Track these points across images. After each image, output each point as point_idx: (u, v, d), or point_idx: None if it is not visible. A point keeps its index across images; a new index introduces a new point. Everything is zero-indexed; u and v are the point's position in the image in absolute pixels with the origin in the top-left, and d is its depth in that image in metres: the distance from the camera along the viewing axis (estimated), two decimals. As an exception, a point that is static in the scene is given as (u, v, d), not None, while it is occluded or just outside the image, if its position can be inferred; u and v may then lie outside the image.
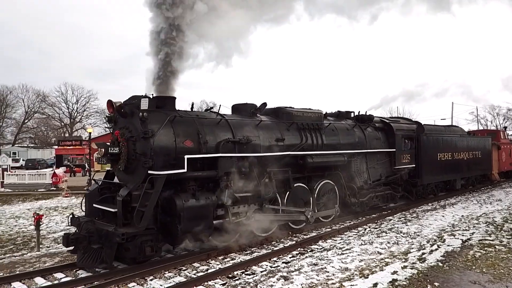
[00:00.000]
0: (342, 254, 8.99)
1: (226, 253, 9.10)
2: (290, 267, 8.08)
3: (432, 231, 11.44)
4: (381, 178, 14.40)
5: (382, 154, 14.62)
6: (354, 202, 12.96)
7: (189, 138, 8.81)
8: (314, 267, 8.08)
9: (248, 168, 9.59)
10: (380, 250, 9.35)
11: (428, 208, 15.46)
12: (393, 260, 8.46)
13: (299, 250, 9.48)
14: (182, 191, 8.51)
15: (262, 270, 8.00)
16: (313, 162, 11.38)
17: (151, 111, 8.56)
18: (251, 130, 10.26)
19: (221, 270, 7.81)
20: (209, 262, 8.58)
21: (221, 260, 8.73)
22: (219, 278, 7.46)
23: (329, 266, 8.12)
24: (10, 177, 27.11)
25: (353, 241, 10.32)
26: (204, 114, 9.71)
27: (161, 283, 7.23)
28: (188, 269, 8.10)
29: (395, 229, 11.75)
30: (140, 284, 7.24)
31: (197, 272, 7.91)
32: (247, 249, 9.51)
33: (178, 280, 7.35)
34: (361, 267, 8.05)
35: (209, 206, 8.64)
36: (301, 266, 8.11)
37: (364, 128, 14.04)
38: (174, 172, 8.16)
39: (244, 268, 8.08)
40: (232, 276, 7.60)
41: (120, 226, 7.71)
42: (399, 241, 10.24)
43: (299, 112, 11.77)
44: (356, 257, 8.75)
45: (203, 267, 8.25)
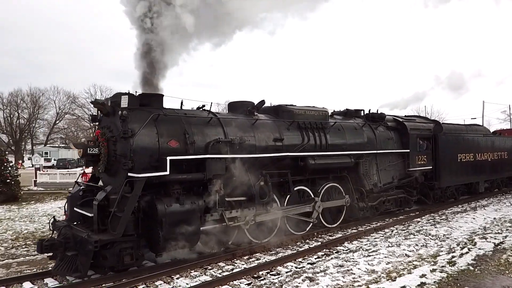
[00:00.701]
0: (368, 256, 8.84)
1: (251, 253, 9.15)
2: (316, 268, 8.02)
3: (462, 233, 11.07)
4: (393, 181, 13.45)
5: (395, 155, 13.67)
6: (363, 206, 12.09)
7: (174, 138, 8.23)
8: (340, 268, 7.99)
9: (241, 170, 8.95)
10: (408, 253, 9.14)
11: (458, 210, 15.00)
12: (421, 263, 8.28)
13: (325, 251, 9.41)
14: (166, 195, 7.97)
15: (287, 270, 7.99)
16: (315, 164, 10.62)
17: (134, 109, 8.05)
18: (246, 129, 9.61)
19: (246, 270, 7.84)
20: (234, 262, 8.61)
21: (246, 260, 8.77)
22: (244, 278, 7.49)
23: (355, 268, 8.01)
24: (43, 176, 27.66)
25: (380, 243, 10.12)
26: (194, 112, 9.12)
27: (187, 282, 7.32)
28: (214, 268, 8.17)
29: (424, 231, 11.44)
30: (167, 282, 7.34)
31: (223, 271, 7.96)
32: (272, 249, 9.55)
33: (204, 279, 7.44)
34: (388, 269, 7.90)
35: (195, 211, 8.05)
36: (326, 267, 8.04)
37: (375, 128, 13.14)
38: (155, 174, 7.60)
39: (269, 268, 8.09)
40: (257, 276, 7.64)
41: (96, 233, 7.22)
42: (428, 244, 9.97)
43: (300, 110, 11.03)
44: (383, 259, 8.59)
45: (228, 266, 8.28)
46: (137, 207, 7.64)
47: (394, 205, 13.57)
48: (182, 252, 8.20)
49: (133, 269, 7.70)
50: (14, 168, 20.81)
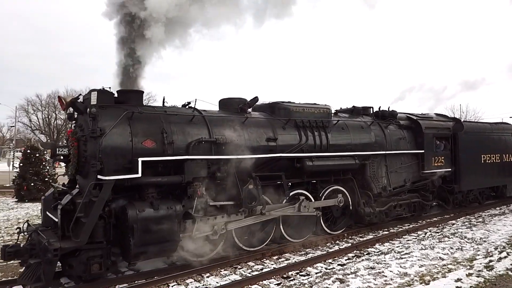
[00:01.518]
0: (400, 259, 8.69)
1: (280, 253, 9.17)
2: (346, 270, 7.94)
3: (500, 237, 10.71)
4: (406, 184, 12.38)
5: (408, 156, 12.59)
6: (369, 212, 11.12)
7: (150, 138, 7.61)
8: (371, 270, 7.87)
9: (226, 172, 8.25)
10: (442, 256, 8.93)
11: (496, 213, 14.58)
12: (456, 267, 8.07)
13: (355, 253, 9.33)
14: (140, 199, 7.38)
15: (317, 271, 7.94)
16: (312, 166, 9.77)
17: (107, 106, 7.50)
18: (235, 128, 8.88)
19: (275, 270, 7.84)
20: (264, 261, 8.65)
21: (276, 260, 8.79)
22: (274, 278, 7.51)
23: (387, 270, 7.88)
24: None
25: (413, 245, 9.96)
26: (176, 110, 8.48)
27: (217, 280, 7.38)
28: (243, 267, 8.20)
29: (459, 234, 11.16)
30: (197, 280, 7.43)
31: (252, 271, 7.99)
32: (302, 249, 9.54)
33: (234, 278, 7.47)
34: (421, 272, 7.74)
35: (172, 217, 7.41)
36: (357, 269, 7.95)
37: (385, 126, 12.13)
38: (124, 177, 7.01)
39: (299, 268, 8.06)
40: (286, 277, 7.63)
41: (59, 239, 6.69)
42: (463, 247, 9.70)
43: (298, 107, 10.21)
44: (416, 262, 8.42)
45: (258, 266, 8.31)
46: (108, 211, 7.10)
47: (407, 210, 12.49)
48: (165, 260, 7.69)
49: (164, 267, 7.94)
50: (52, 167, 21.28)
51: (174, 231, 7.43)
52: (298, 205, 9.63)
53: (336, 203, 10.52)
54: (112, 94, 7.77)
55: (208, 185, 8.01)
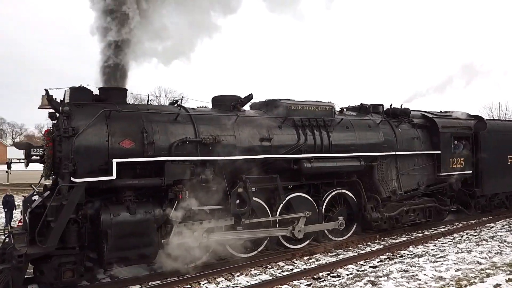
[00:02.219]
0: (435, 262, 8.40)
1: (311, 254, 9.10)
2: (378, 272, 7.76)
3: None
4: (419, 187, 11.46)
5: (422, 157, 11.66)
6: (376, 217, 10.31)
7: (129, 138, 7.20)
8: (404, 273, 7.68)
9: (211, 175, 7.74)
10: (480, 260, 8.57)
11: None
12: (495, 272, 7.74)
13: (388, 255, 9.13)
14: (117, 203, 6.98)
15: (348, 273, 7.84)
16: (311, 168, 9.10)
17: (84, 104, 7.14)
18: (224, 127, 8.36)
19: (306, 271, 7.79)
20: (294, 262, 8.60)
21: (306, 260, 8.72)
22: (304, 279, 7.46)
23: (420, 273, 7.65)
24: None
25: (448, 248, 9.64)
26: (160, 108, 8.03)
27: (247, 280, 7.41)
28: (274, 267, 8.21)
29: (498, 237, 10.65)
30: (228, 279, 7.48)
31: (282, 271, 7.98)
32: (332, 250, 9.44)
33: (264, 278, 7.51)
34: (457, 277, 7.48)
35: (150, 222, 6.97)
36: (389, 272, 7.77)
37: (396, 125, 11.26)
38: (96, 179, 6.62)
39: (330, 270, 7.98)
40: (317, 277, 7.57)
41: (28, 244, 6.37)
42: (503, 251, 9.28)
43: (297, 105, 9.56)
44: (452, 265, 8.15)
45: (288, 266, 8.30)
46: (83, 215, 6.74)
47: (421, 215, 11.56)
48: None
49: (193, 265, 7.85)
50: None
51: (152, 236, 6.99)
52: (291, 229, 8.94)
53: (336, 226, 9.74)
54: (90, 91, 7.42)
55: (192, 189, 7.51)
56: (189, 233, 7.55)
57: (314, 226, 9.43)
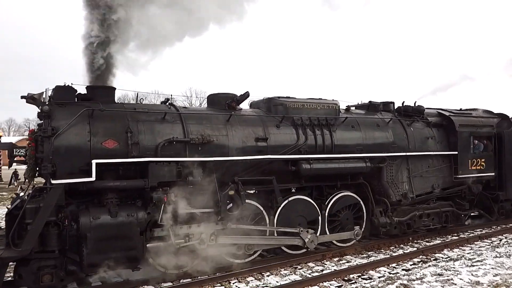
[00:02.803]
0: (472, 266, 8.18)
1: (341, 255, 9.04)
2: (411, 275, 7.62)
3: None
4: (434, 191, 10.69)
5: (437, 158, 10.88)
6: (384, 222, 9.67)
7: (113, 138, 6.95)
8: (439, 277, 7.49)
9: (201, 176, 7.39)
10: None
11: None
12: None
13: (421, 258, 8.95)
14: (99, 205, 6.75)
15: (380, 275, 7.73)
16: (310, 169, 8.59)
17: (67, 104, 6.95)
18: (217, 127, 7.99)
19: (336, 272, 7.75)
20: (324, 263, 8.57)
21: (336, 262, 8.66)
22: (335, 280, 7.41)
23: (456, 278, 7.45)
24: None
25: (486, 252, 9.37)
26: (147, 107, 7.75)
27: (277, 280, 7.43)
28: (303, 268, 8.18)
29: None
30: (258, 279, 7.52)
31: (312, 272, 7.95)
32: (363, 252, 9.33)
33: (294, 278, 7.49)
34: (495, 282, 7.24)
35: (132, 225, 6.69)
36: (423, 275, 7.59)
37: (408, 124, 10.55)
38: (74, 180, 6.41)
39: (361, 272, 7.89)
40: (347, 279, 7.50)
41: (5, 247, 6.21)
42: None
43: (297, 103, 9.06)
44: (490, 270, 7.87)
45: (318, 267, 8.26)
46: (64, 218, 6.54)
47: (436, 221, 10.79)
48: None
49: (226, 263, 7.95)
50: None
51: (135, 240, 6.71)
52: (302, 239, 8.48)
53: (352, 236, 9.22)
54: (74, 90, 7.23)
55: (179, 191, 7.18)
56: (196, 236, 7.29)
57: (328, 236, 9.03)
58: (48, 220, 6.37)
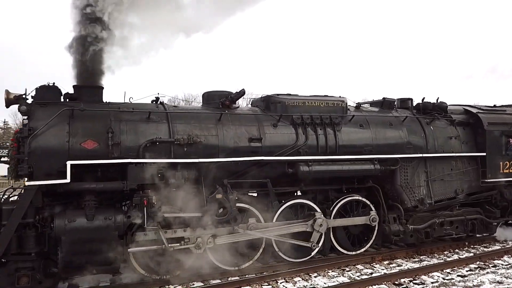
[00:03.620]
0: None
1: (391, 258, 8.82)
2: (467, 282, 7.40)
3: None
4: (457, 196, 9.64)
5: (462, 160, 9.81)
6: (396, 230, 8.82)
7: (92, 138, 6.73)
8: (498, 285, 7.24)
9: (185, 179, 7.02)
10: None
11: None
12: None
13: (478, 264, 8.61)
14: (77, 207, 6.57)
15: (433, 281, 7.49)
16: (309, 172, 7.96)
17: (48, 103, 6.83)
18: (207, 126, 7.59)
19: (386, 276, 7.59)
20: (373, 266, 8.40)
21: (386, 265, 8.47)
22: (384, 284, 7.28)
23: None
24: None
25: None
26: (133, 106, 7.47)
27: (324, 281, 7.39)
28: (352, 270, 8.07)
29: None
30: (305, 279, 7.49)
31: (361, 274, 7.82)
32: (415, 256, 9.09)
33: (342, 281, 7.39)
34: None
35: (110, 228, 6.45)
36: (481, 282, 7.36)
37: (428, 122, 9.58)
38: (46, 182, 6.24)
39: (412, 276, 7.67)
40: (398, 284, 7.33)
41: None
42: None
43: (297, 101, 8.46)
44: None
45: (367, 270, 8.10)
46: (42, 220, 6.44)
47: (461, 229, 9.72)
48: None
49: (273, 263, 8.12)
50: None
51: (112, 245, 6.46)
52: (311, 223, 7.97)
53: (368, 222, 8.59)
54: (58, 90, 7.09)
55: (161, 194, 6.85)
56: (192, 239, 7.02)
57: (340, 221, 8.48)
58: (27, 222, 6.31)
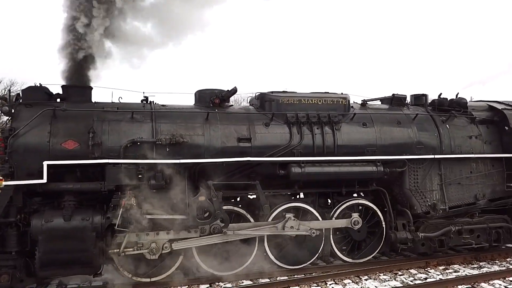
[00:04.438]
0: None
1: (447, 264, 8.43)
2: None
3: None
4: (477, 202, 8.70)
5: (484, 162, 8.86)
6: (403, 237, 8.10)
7: (73, 138, 6.72)
8: None
9: (166, 180, 6.84)
10: None
11: None
12: None
13: None
14: (58, 208, 6.59)
15: None
16: (301, 174, 7.48)
17: (34, 104, 6.91)
18: (193, 126, 7.36)
19: (442, 282, 7.30)
20: (428, 270, 8.08)
21: (442, 270, 8.11)
22: None
23: None
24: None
25: None
26: (120, 105, 7.38)
27: (376, 285, 7.21)
28: (405, 274, 7.80)
29: None
30: (355, 282, 7.35)
31: (414, 279, 7.52)
32: (474, 262, 8.64)
33: (394, 285, 7.21)
34: None
35: (86, 229, 6.40)
36: None
37: (443, 120, 8.74)
38: (24, 182, 6.28)
39: (471, 283, 7.32)
40: None
41: None
42: None
43: (291, 98, 8.00)
44: None
45: (421, 274, 7.81)
46: (24, 219, 6.51)
47: (483, 238, 8.76)
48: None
49: (322, 264, 8.16)
50: None
51: (89, 245, 6.40)
52: (283, 224, 7.49)
53: (349, 225, 7.92)
54: (45, 90, 7.17)
55: (141, 195, 6.70)
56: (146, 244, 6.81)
57: (317, 223, 7.77)
58: (8, 221, 6.41)
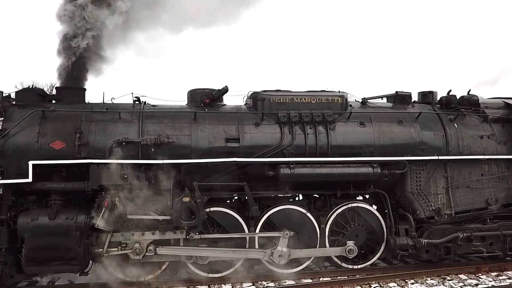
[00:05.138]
0: None
1: (501, 270, 7.97)
2: None
3: None
4: (489, 206, 8.05)
5: (496, 164, 8.20)
6: (403, 244, 7.62)
7: (61, 139, 6.86)
8: None
9: (148, 180, 6.84)
10: None
11: None
12: None
13: None
14: (46, 207, 6.75)
15: None
16: (291, 175, 7.23)
17: (26, 105, 7.12)
18: (180, 126, 7.32)
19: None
20: (479, 276, 7.71)
21: (495, 277, 7.70)
22: None
23: None
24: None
25: None
26: (109, 106, 7.46)
27: None
28: (454, 280, 7.54)
29: None
30: (401, 285, 7.24)
31: (464, 285, 7.27)
32: None
33: None
34: None
35: (70, 228, 6.51)
36: None
37: (451, 119, 8.17)
38: (10, 181, 6.49)
39: None
40: None
41: None
42: None
43: (283, 97, 7.75)
44: None
45: (471, 280, 7.50)
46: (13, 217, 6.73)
47: (497, 246, 8.10)
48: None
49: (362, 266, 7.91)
50: None
51: (73, 244, 6.51)
52: (269, 253, 7.22)
53: (343, 253, 7.52)
54: (39, 92, 7.40)
55: (125, 195, 6.74)
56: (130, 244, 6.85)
57: (307, 251, 7.49)
58: None
